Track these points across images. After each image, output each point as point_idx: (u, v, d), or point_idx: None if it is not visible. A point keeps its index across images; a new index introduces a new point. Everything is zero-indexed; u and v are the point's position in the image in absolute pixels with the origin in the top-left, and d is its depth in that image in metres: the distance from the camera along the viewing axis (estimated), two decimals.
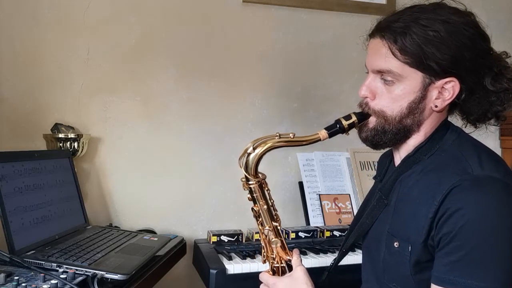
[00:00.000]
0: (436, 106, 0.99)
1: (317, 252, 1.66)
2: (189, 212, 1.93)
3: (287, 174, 2.05)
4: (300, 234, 1.80)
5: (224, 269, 1.49)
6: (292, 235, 1.79)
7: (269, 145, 1.05)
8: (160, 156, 1.90)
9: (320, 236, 1.81)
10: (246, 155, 1.07)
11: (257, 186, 1.09)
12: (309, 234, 1.80)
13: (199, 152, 1.95)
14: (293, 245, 1.71)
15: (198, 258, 1.69)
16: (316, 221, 1.91)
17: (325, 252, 1.66)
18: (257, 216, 1.12)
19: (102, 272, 1.16)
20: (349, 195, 1.99)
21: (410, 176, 1.01)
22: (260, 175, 1.09)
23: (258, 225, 1.12)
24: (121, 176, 1.86)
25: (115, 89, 1.85)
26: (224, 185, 1.96)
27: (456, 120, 1.07)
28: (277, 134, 1.06)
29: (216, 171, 1.96)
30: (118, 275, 1.16)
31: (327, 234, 1.81)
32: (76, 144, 1.68)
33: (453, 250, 0.87)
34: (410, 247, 0.95)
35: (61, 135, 1.67)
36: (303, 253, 1.64)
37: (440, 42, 0.93)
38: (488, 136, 1.11)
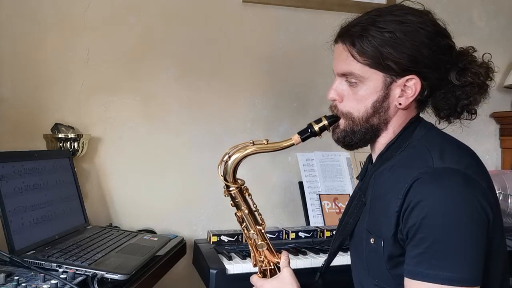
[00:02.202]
0: (400, 104, 1.01)
1: (317, 252, 1.66)
2: (189, 212, 1.94)
3: (287, 174, 2.05)
4: (300, 234, 1.80)
5: (224, 269, 1.49)
6: (292, 235, 1.79)
7: (244, 153, 1.10)
8: (160, 156, 1.90)
9: (320, 236, 1.81)
10: (223, 163, 1.11)
11: (237, 192, 1.13)
12: (309, 234, 1.80)
13: (199, 152, 1.95)
14: (293, 245, 1.72)
15: (198, 258, 1.69)
16: (316, 221, 1.91)
17: (325, 252, 1.66)
18: (240, 221, 1.15)
19: (102, 272, 1.16)
20: (349, 195, 1.98)
21: (382, 173, 1.03)
22: (239, 181, 1.13)
23: (243, 229, 1.15)
24: (121, 176, 1.86)
25: (115, 89, 1.85)
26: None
27: (429, 116, 1.09)
28: (251, 141, 1.10)
29: (216, 171, 1.95)
30: (118, 275, 1.16)
31: (327, 234, 1.81)
32: (76, 144, 1.68)
33: (418, 242, 0.89)
34: (382, 242, 0.97)
35: (61, 135, 1.67)
36: (303, 253, 1.64)
37: (396, 43, 0.96)
38: (487, 136, 1.11)
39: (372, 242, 1.00)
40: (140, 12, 1.87)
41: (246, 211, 1.13)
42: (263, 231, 1.14)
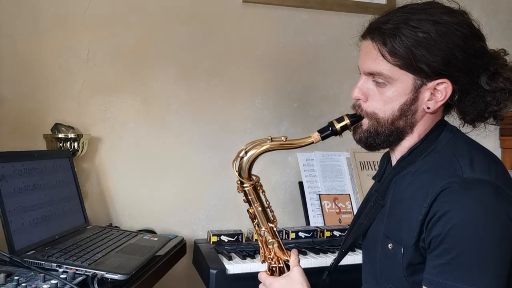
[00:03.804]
0: (428, 108, 0.98)
1: (317, 252, 1.65)
2: (189, 212, 1.94)
3: (287, 174, 2.05)
4: (300, 234, 1.79)
5: (224, 269, 1.49)
6: (292, 235, 1.79)
7: (261, 149, 1.06)
8: (160, 156, 1.90)
9: (320, 236, 1.81)
10: (239, 158, 1.08)
11: (251, 189, 1.10)
12: (309, 234, 1.80)
13: (199, 152, 1.95)
14: (293, 245, 1.71)
15: (198, 258, 1.69)
16: (316, 221, 1.91)
17: (325, 252, 1.66)
18: (252, 217, 1.13)
19: (102, 272, 1.16)
20: (349, 195, 1.99)
21: (404, 177, 1.01)
22: (254, 177, 1.10)
23: (254, 226, 1.13)
24: (121, 176, 1.86)
25: (115, 89, 1.85)
26: (224, 185, 1.96)
27: (453, 119, 1.06)
28: (269, 138, 1.06)
29: (216, 171, 1.96)
30: (118, 275, 1.16)
31: (327, 234, 1.81)
32: (76, 144, 1.68)
33: (442, 253, 0.87)
34: (402, 249, 0.95)
35: (61, 135, 1.67)
36: (303, 253, 1.64)
37: (430, 44, 0.92)
38: (487, 136, 1.10)
39: (390, 248, 0.98)
40: (140, 12, 1.87)
41: (260, 209, 1.11)
42: (274, 228, 1.12)
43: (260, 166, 2.01)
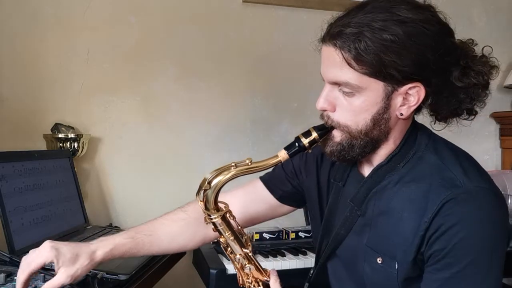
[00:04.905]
0: (401, 114, 0.91)
1: None
2: None
3: None
4: (300, 234, 1.79)
5: (224, 269, 1.49)
6: (292, 235, 1.79)
7: (227, 177, 0.95)
8: (160, 156, 1.90)
9: None
10: (203, 191, 0.98)
11: (220, 219, 0.99)
12: (308, 234, 1.80)
13: (199, 152, 1.95)
14: (293, 244, 1.72)
15: (198, 258, 1.69)
16: None
17: None
18: (225, 246, 1.04)
19: (102, 272, 1.15)
20: None
21: (386, 187, 0.94)
22: (221, 206, 1.00)
23: (228, 254, 1.04)
24: (121, 176, 1.86)
25: (115, 89, 1.85)
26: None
27: (423, 117, 1.00)
28: (233, 164, 0.96)
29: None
30: (118, 275, 1.16)
31: None
32: (76, 144, 1.68)
33: (445, 267, 0.84)
34: (396, 265, 0.90)
35: (61, 135, 1.67)
36: (303, 253, 1.64)
37: (399, 47, 0.83)
38: (488, 136, 1.10)
39: (379, 262, 0.92)
40: (140, 12, 1.87)
41: (232, 237, 1.00)
42: (250, 254, 1.01)
43: None
